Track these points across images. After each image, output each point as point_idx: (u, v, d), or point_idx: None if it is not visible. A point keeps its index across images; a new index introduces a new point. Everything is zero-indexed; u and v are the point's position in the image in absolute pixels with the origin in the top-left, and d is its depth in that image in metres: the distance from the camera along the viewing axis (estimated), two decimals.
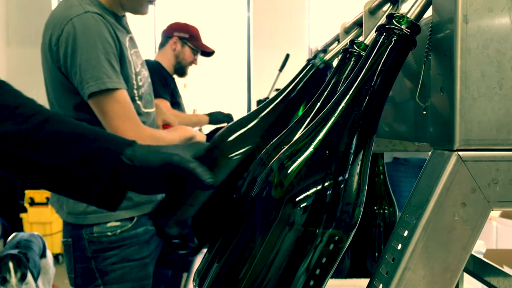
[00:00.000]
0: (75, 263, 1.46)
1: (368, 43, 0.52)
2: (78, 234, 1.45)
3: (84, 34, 1.38)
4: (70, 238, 1.47)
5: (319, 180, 0.40)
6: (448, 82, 0.40)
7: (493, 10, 0.39)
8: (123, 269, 1.46)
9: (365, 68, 0.41)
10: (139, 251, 1.48)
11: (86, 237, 1.44)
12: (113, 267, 1.45)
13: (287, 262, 0.40)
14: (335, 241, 0.40)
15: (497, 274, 0.71)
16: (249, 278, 0.40)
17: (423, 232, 0.39)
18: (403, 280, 0.39)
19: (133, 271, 1.47)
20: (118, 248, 1.46)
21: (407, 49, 0.41)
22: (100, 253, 1.44)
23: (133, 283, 1.47)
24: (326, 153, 0.40)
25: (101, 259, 1.44)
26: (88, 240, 1.44)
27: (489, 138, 0.39)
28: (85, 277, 1.46)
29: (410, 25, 0.41)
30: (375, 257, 0.92)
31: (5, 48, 5.47)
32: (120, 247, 1.46)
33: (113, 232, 1.45)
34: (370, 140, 0.42)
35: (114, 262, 1.45)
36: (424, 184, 0.41)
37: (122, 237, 1.46)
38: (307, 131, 0.42)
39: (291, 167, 0.41)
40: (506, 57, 0.39)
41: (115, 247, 1.45)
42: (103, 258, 1.44)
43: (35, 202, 4.75)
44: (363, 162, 0.41)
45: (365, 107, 0.41)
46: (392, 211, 0.95)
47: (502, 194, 0.39)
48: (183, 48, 2.61)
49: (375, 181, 0.95)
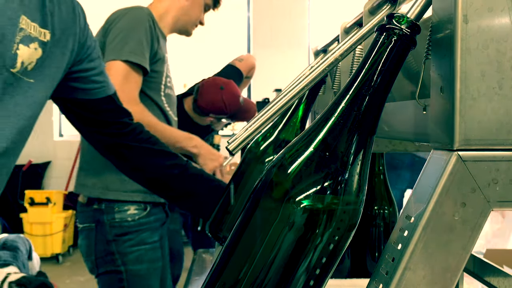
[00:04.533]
0: (96, 245, 1.66)
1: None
2: (100, 219, 1.65)
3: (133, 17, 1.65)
4: (93, 223, 1.65)
5: (319, 180, 0.40)
6: (448, 82, 0.40)
7: (493, 10, 0.39)
8: (139, 251, 1.67)
9: (365, 68, 0.41)
10: (151, 235, 1.70)
11: (107, 222, 1.64)
12: (131, 249, 1.66)
13: (287, 262, 0.40)
14: (335, 241, 0.40)
15: (497, 274, 0.71)
16: (249, 278, 0.40)
17: (423, 232, 0.39)
18: (403, 280, 0.39)
19: (147, 253, 1.68)
20: (135, 233, 1.67)
21: (407, 49, 0.41)
22: (121, 236, 1.65)
23: (148, 264, 1.68)
24: (326, 153, 0.40)
25: (121, 242, 1.65)
26: (110, 225, 1.64)
27: (489, 138, 0.39)
28: (106, 258, 1.65)
29: (410, 25, 0.41)
30: (375, 257, 0.92)
31: None
32: (136, 232, 1.67)
33: (132, 218, 1.66)
34: (370, 140, 0.42)
35: (132, 245, 1.66)
36: (424, 184, 0.41)
37: (139, 223, 1.67)
38: (307, 131, 0.42)
39: (291, 167, 0.41)
40: (506, 57, 0.39)
41: (133, 231, 1.66)
42: (122, 241, 1.65)
43: (35, 202, 4.75)
44: (363, 162, 0.41)
45: (365, 107, 0.41)
46: (392, 211, 0.95)
47: (502, 194, 0.39)
48: None
49: (375, 181, 0.95)
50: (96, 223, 1.65)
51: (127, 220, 1.65)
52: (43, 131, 5.58)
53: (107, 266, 1.65)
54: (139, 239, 1.67)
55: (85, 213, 1.68)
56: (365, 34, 0.53)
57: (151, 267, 1.69)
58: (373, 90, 0.41)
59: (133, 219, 1.66)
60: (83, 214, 1.70)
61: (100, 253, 1.65)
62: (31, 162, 5.27)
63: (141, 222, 1.67)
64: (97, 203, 1.66)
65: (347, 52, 0.54)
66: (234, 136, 0.55)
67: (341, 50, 0.53)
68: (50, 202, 4.74)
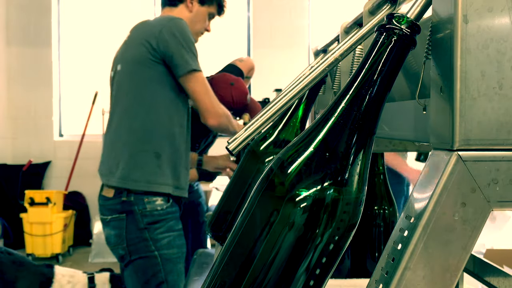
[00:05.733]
0: (127, 234, 1.83)
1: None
2: (131, 210, 1.82)
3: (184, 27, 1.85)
4: (124, 213, 1.83)
5: (319, 180, 0.40)
6: (448, 82, 0.40)
7: (493, 10, 0.39)
8: (169, 237, 1.86)
9: (365, 68, 0.41)
10: (177, 223, 1.90)
11: (139, 212, 1.82)
12: (163, 235, 1.84)
13: (287, 262, 0.40)
14: (335, 241, 0.40)
15: (497, 274, 0.71)
16: (249, 278, 0.40)
17: (423, 232, 0.39)
18: (403, 280, 0.39)
19: (176, 239, 1.88)
20: (164, 221, 1.85)
21: (407, 49, 0.41)
22: (152, 224, 1.83)
23: (177, 249, 1.88)
24: (326, 153, 0.40)
25: (153, 230, 1.83)
26: (141, 214, 1.82)
27: (489, 138, 0.39)
28: (140, 245, 1.83)
29: (410, 25, 0.41)
30: (375, 257, 0.92)
31: (5, 48, 5.47)
32: (165, 220, 1.85)
33: (161, 207, 1.84)
34: (370, 140, 0.42)
35: (162, 231, 1.84)
36: (424, 184, 0.41)
37: (167, 212, 1.85)
38: (307, 131, 0.42)
39: (291, 167, 0.41)
40: (506, 57, 0.39)
41: (162, 219, 1.84)
42: (154, 229, 1.83)
43: (35, 202, 4.75)
44: (363, 162, 0.41)
45: (365, 107, 0.41)
46: (392, 211, 0.95)
47: (502, 194, 0.39)
48: None
49: (375, 181, 0.95)
50: (127, 213, 1.82)
51: (156, 210, 1.83)
52: (43, 131, 5.58)
53: (141, 252, 1.82)
54: (168, 226, 1.85)
55: (113, 206, 1.84)
56: (365, 34, 0.53)
57: (180, 251, 1.89)
58: (373, 90, 0.41)
59: (162, 208, 1.84)
60: (110, 207, 1.86)
61: (133, 240, 1.82)
62: (31, 162, 5.27)
63: (168, 211, 1.85)
64: (126, 196, 1.82)
65: (347, 52, 0.54)
66: (234, 136, 0.55)
67: (341, 50, 0.53)
68: (50, 202, 4.74)
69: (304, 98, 0.75)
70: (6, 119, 5.54)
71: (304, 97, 0.75)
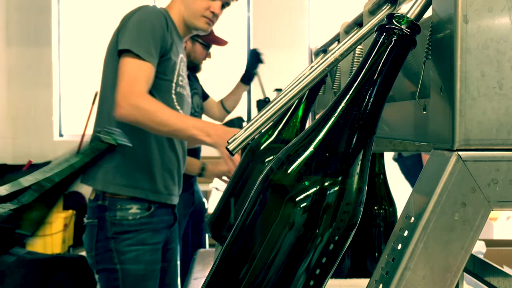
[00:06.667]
0: (97, 242, 1.65)
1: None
2: (102, 216, 1.64)
3: (145, 13, 1.65)
4: (96, 219, 1.66)
5: (319, 180, 0.40)
6: (448, 82, 0.40)
7: (493, 10, 0.39)
8: (138, 251, 1.65)
9: (365, 68, 0.41)
10: (153, 237, 1.68)
11: (109, 219, 1.63)
12: (130, 248, 1.64)
13: (287, 262, 0.40)
14: (335, 241, 0.40)
15: (497, 274, 0.71)
16: (249, 278, 0.40)
17: (423, 232, 0.39)
18: (403, 280, 0.39)
19: (146, 254, 1.66)
20: (135, 232, 1.65)
21: (407, 49, 0.41)
22: (120, 234, 1.63)
23: (145, 265, 1.66)
24: (326, 153, 0.40)
25: (120, 240, 1.63)
26: (110, 222, 1.63)
27: (489, 138, 0.39)
28: (105, 255, 1.64)
29: (410, 25, 0.41)
30: (375, 257, 0.92)
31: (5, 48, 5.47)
32: (136, 231, 1.65)
33: (133, 217, 1.64)
34: (370, 140, 0.42)
35: (130, 244, 1.64)
36: (424, 184, 0.41)
37: (140, 222, 1.65)
38: (307, 131, 0.42)
39: (291, 167, 0.41)
40: (506, 57, 0.39)
41: (133, 230, 1.64)
42: (121, 240, 1.63)
43: None
44: (363, 162, 0.41)
45: (365, 107, 0.41)
46: (392, 211, 0.95)
47: (502, 194, 0.39)
48: (193, 46, 2.56)
49: (375, 181, 0.95)
50: (98, 219, 1.65)
51: (127, 219, 1.63)
52: (43, 131, 5.58)
53: (105, 263, 1.65)
54: (139, 239, 1.65)
55: (91, 209, 1.70)
56: (365, 34, 0.53)
57: (149, 268, 1.67)
58: (373, 90, 0.41)
59: (134, 218, 1.64)
60: (89, 210, 1.71)
61: (99, 249, 1.65)
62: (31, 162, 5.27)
63: (142, 222, 1.65)
64: (102, 199, 1.65)
65: (347, 52, 0.54)
66: (234, 136, 0.55)
67: (341, 50, 0.53)
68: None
69: (304, 98, 0.75)
70: (6, 119, 5.54)
71: (304, 97, 0.75)
